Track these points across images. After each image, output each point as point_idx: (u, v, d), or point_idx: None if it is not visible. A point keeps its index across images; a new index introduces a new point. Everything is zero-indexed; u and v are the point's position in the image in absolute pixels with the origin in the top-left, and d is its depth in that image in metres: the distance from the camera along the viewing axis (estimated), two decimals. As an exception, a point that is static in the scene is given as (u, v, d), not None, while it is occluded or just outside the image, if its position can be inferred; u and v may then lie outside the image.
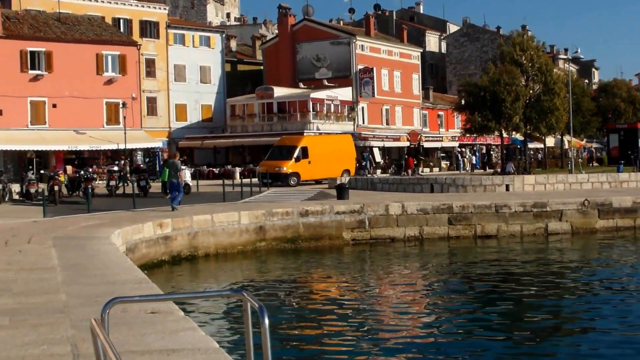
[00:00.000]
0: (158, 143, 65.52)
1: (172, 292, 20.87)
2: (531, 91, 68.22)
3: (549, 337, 16.81)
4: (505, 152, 76.49)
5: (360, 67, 79.03)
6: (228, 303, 19.59)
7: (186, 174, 44.28)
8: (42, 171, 49.61)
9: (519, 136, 77.51)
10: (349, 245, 31.50)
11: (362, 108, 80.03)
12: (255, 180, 49.38)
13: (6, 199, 39.52)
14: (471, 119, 68.82)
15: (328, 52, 79.82)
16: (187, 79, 72.74)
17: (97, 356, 5.67)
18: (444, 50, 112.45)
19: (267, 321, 5.60)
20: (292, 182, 53.88)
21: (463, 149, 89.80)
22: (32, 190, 39.68)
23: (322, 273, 26.15)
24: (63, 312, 10.95)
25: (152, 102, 69.96)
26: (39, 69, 60.36)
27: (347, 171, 57.72)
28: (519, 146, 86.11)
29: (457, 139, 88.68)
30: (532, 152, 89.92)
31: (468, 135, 74.88)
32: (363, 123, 79.60)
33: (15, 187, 42.32)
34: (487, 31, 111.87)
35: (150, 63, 69.74)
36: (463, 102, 73.16)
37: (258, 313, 5.68)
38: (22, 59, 59.56)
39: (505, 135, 71.50)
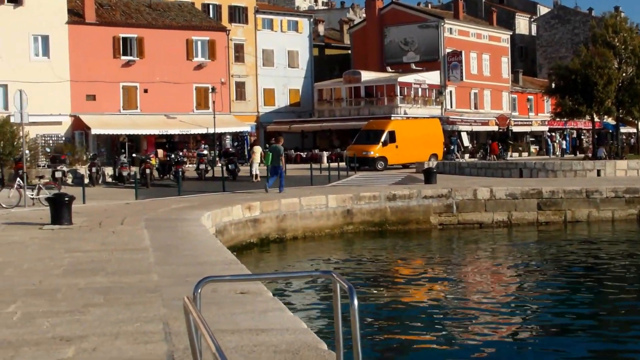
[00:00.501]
0: (246, 127, 66.12)
1: (262, 273, 21.11)
2: (624, 74, 66.48)
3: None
4: (596, 136, 74.88)
5: (448, 50, 78.30)
6: (316, 284, 19.73)
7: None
8: (134, 155, 50.53)
9: (610, 120, 75.67)
10: (436, 230, 31.36)
11: (450, 92, 79.34)
12: (342, 164, 49.43)
13: (100, 182, 40.47)
14: (561, 102, 67.51)
15: (416, 35, 79.30)
16: (275, 64, 73.13)
17: (189, 333, 5.79)
18: (534, 32, 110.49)
19: (356, 302, 5.63)
20: (379, 167, 53.80)
21: (553, 134, 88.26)
22: (125, 173, 40.55)
23: (409, 257, 26.09)
24: (155, 291, 11.20)
25: (240, 86, 70.57)
26: (130, 55, 61.44)
27: (435, 155, 57.36)
28: (610, 131, 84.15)
29: (546, 123, 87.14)
30: (624, 137, 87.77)
31: (558, 119, 73.48)
32: (451, 107, 78.94)
33: (109, 170, 43.35)
34: (579, 13, 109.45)
35: (239, 48, 70.35)
36: (553, 85, 71.75)
37: (347, 293, 5.71)
38: (115, 45, 60.70)
39: (596, 119, 69.94)
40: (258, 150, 45.17)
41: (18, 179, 28.60)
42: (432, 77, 76.38)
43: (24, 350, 8.00)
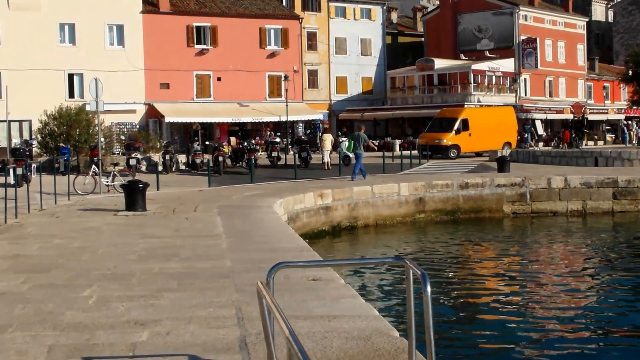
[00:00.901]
0: (319, 115, 66.21)
1: (335, 259, 21.15)
2: None
3: None
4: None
5: (523, 37, 77.21)
6: (387, 272, 19.67)
7: (346, 146, 44.70)
8: (207, 142, 51.05)
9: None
10: (509, 219, 31.01)
11: (525, 79, 78.24)
12: (414, 152, 49.18)
13: (173, 169, 40.98)
14: (638, 90, 66.14)
15: (490, 22, 78.37)
16: (348, 52, 73.00)
17: (262, 318, 5.80)
18: (610, 19, 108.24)
19: (429, 289, 5.58)
20: (452, 155, 53.40)
21: (629, 122, 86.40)
22: (198, 160, 41.00)
23: (481, 246, 25.83)
24: (228, 277, 11.28)
25: (313, 74, 70.65)
26: (204, 44, 61.96)
27: (508, 144, 56.70)
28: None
29: (623, 111, 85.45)
30: None
31: (635, 107, 72.10)
32: (525, 95, 77.85)
33: (182, 158, 43.85)
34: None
35: (312, 36, 70.40)
36: (630, 72, 70.32)
37: (420, 280, 5.66)
38: (188, 34, 61.27)
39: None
40: (329, 138, 45.23)
41: (93, 166, 29.10)
42: (506, 65, 75.41)
43: (99, 333, 8.13)
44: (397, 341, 7.57)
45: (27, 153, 38.38)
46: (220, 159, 39.36)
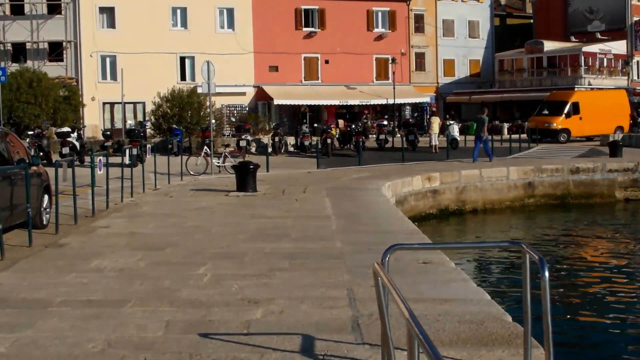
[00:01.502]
0: (426, 98, 65.82)
1: (448, 242, 21.07)
2: None
3: None
4: None
5: (636, 18, 74.94)
6: (497, 256, 19.47)
7: (454, 129, 44.44)
8: (315, 125, 51.37)
9: None
10: (621, 204, 30.31)
11: (638, 62, 75.98)
12: (523, 136, 48.40)
13: (282, 151, 41.44)
14: None
15: (601, 3, 76.31)
16: (456, 34, 72.21)
17: (378, 298, 5.85)
18: None
19: (547, 273, 5.53)
20: (561, 139, 52.33)
21: None
22: (306, 142, 41.36)
23: (593, 231, 25.29)
24: (339, 258, 11.38)
25: (420, 57, 70.19)
26: (312, 27, 62.24)
27: (621, 128, 55.19)
28: None
29: None
30: None
31: None
32: (638, 78, 75.63)
33: (291, 140, 44.31)
34: None
35: (419, 19, 69.90)
36: None
37: (537, 265, 5.62)
38: (297, 17, 61.64)
39: None
40: (436, 121, 44.98)
41: (205, 147, 29.69)
42: (618, 47, 73.34)
43: (214, 310, 8.34)
44: (510, 326, 7.51)
45: (142, 134, 39.47)
46: (329, 141, 39.66)
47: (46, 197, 15.50)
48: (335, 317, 7.95)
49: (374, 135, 47.20)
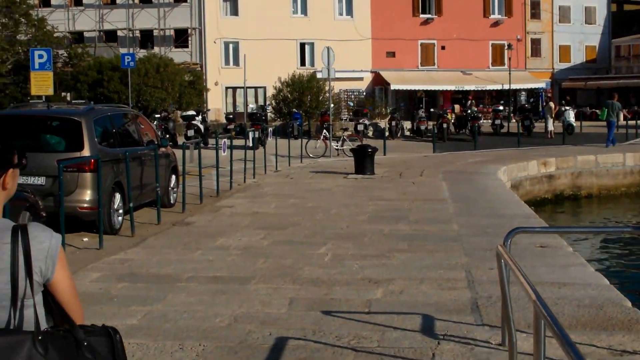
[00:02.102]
0: (541, 84, 64.72)
1: (570, 226, 20.87)
2: None
3: None
4: None
5: None
6: (613, 241, 19.15)
7: (570, 115, 43.66)
8: (431, 109, 51.25)
9: None
10: None
11: None
12: (640, 122, 47.03)
13: (399, 135, 41.60)
14: None
15: None
16: (572, 20, 70.58)
17: (500, 280, 6.03)
18: None
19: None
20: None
21: None
22: (422, 127, 41.42)
23: None
24: (456, 240, 11.53)
25: (536, 43, 68.93)
26: (429, 13, 61.98)
27: None
28: None
29: None
30: None
31: None
32: None
33: (407, 124, 44.40)
34: None
35: (535, 5, 68.59)
36: None
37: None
38: (414, 3, 61.46)
39: None
40: (552, 106, 44.25)
41: (324, 130, 30.10)
42: None
43: (336, 289, 8.60)
44: (630, 312, 7.49)
45: (263, 118, 40.27)
46: (445, 125, 39.60)
47: (173, 177, 16.13)
48: (455, 298, 8.10)
49: (489, 121, 46.83)
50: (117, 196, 12.96)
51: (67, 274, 2.71)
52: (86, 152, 12.35)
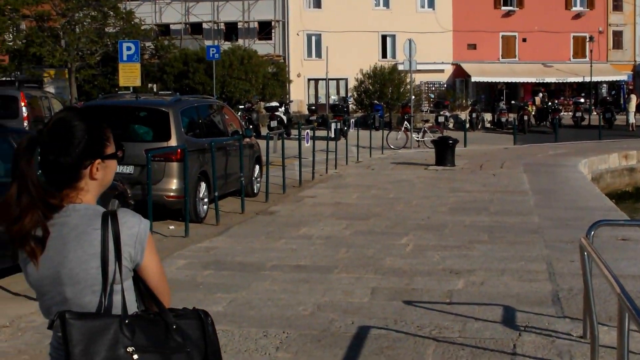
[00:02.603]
0: (623, 76, 63.48)
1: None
2: None
3: None
4: None
5: None
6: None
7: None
8: (512, 102, 50.82)
9: None
10: None
11: None
12: None
13: (479, 127, 41.40)
14: None
15: None
16: (656, 12, 69.00)
17: (583, 272, 6.07)
18: None
19: None
20: None
21: None
22: (503, 119, 41.19)
23: None
24: (536, 232, 11.52)
25: (617, 35, 67.53)
26: (510, 5, 61.31)
27: None
28: None
29: None
30: None
31: None
32: None
33: (487, 116, 44.12)
34: None
35: (618, -3, 67.32)
36: None
37: None
38: (496, -5, 60.99)
39: None
40: (634, 99, 43.49)
41: (405, 122, 30.15)
42: None
43: (417, 279, 8.71)
44: None
45: (345, 109, 40.51)
46: (525, 118, 39.31)
47: (257, 167, 16.40)
48: (536, 290, 8.14)
49: (570, 113, 46.25)
50: (203, 185, 13.26)
51: (155, 259, 2.77)
52: (173, 142, 12.67)
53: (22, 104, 20.86)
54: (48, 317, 2.66)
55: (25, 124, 20.34)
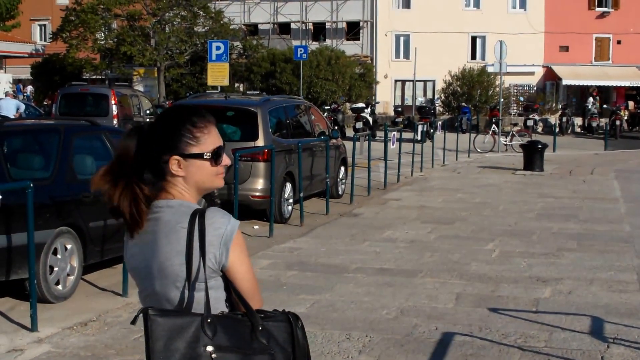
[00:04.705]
0: None
1: None
2: None
3: None
4: None
5: None
6: None
7: None
8: (604, 106, 49.82)
9: None
10: None
11: None
12: None
13: (569, 131, 40.68)
14: None
15: None
16: None
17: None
18: None
19: None
20: None
21: None
22: (594, 123, 40.39)
23: None
24: (627, 241, 11.25)
25: None
26: (605, 6, 60.05)
27: None
28: None
29: None
30: None
31: None
32: None
33: (578, 121, 43.33)
34: None
35: None
36: None
37: None
38: (590, -4, 59.90)
39: None
40: None
41: (493, 125, 29.79)
42: None
43: (503, 286, 8.59)
44: None
45: (432, 111, 40.23)
46: (617, 122, 38.43)
47: (342, 168, 16.40)
48: (625, 301, 7.96)
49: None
50: (288, 186, 13.32)
51: (243, 260, 2.75)
52: (260, 142, 12.74)
53: (113, 102, 21.31)
54: (145, 306, 2.69)
55: (115, 121, 20.76)
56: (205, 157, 2.77)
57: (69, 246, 8.24)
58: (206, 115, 2.80)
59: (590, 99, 45.82)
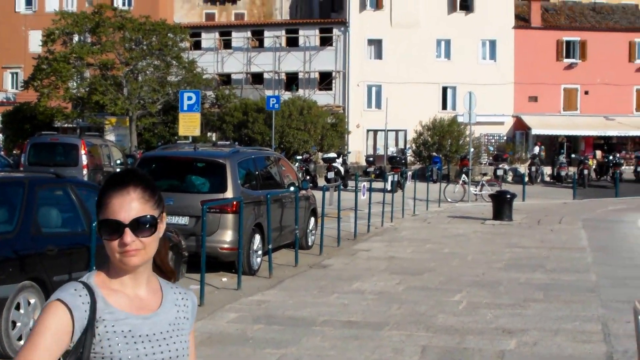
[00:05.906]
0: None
1: None
2: None
3: None
4: None
5: None
6: None
7: None
8: (572, 155, 50.35)
9: None
10: None
11: None
12: None
13: (538, 180, 41.02)
14: None
15: None
16: None
17: (637, 337, 5.92)
18: None
19: None
20: None
21: None
22: (563, 173, 40.78)
23: None
24: (593, 291, 11.34)
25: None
26: (573, 58, 61.04)
27: None
28: None
29: None
30: None
31: None
32: None
33: (547, 170, 43.72)
34: None
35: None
36: None
37: None
38: (558, 48, 60.65)
39: None
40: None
41: (463, 175, 30.01)
42: None
43: (469, 337, 8.62)
44: None
45: (403, 161, 40.51)
46: (585, 172, 38.82)
47: (312, 219, 16.44)
48: (589, 352, 8.00)
49: (632, 167, 45.58)
50: (257, 237, 13.32)
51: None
52: (229, 194, 12.77)
53: (83, 152, 21.27)
54: None
55: (85, 172, 20.72)
56: (99, 229, 2.53)
57: (32, 301, 8.16)
58: (118, 181, 2.52)
59: (537, 148, 46.65)
